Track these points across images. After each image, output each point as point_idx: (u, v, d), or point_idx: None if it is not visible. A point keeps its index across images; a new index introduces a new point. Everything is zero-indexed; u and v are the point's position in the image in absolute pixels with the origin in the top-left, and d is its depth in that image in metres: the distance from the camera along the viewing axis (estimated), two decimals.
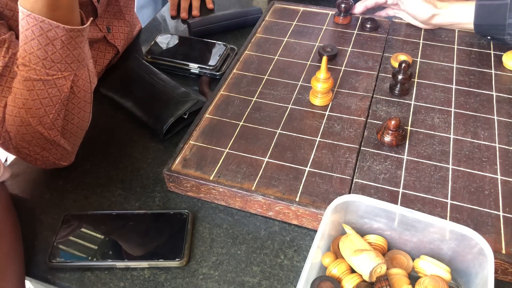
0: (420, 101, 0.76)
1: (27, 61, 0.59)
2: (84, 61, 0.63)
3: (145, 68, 0.84)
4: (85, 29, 0.61)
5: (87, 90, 0.65)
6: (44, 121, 0.62)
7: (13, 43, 0.64)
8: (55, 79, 0.60)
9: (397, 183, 0.63)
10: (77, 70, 0.62)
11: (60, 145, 0.65)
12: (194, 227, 0.63)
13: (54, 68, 0.60)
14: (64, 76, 0.61)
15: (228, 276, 0.58)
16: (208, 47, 0.92)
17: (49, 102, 0.61)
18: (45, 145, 0.64)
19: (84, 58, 0.63)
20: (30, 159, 0.66)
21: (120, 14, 0.91)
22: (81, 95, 0.64)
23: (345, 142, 0.69)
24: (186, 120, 0.76)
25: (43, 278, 0.59)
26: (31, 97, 0.60)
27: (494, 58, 0.83)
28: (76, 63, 0.61)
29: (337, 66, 0.83)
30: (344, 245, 0.52)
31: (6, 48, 0.63)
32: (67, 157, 0.68)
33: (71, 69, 0.61)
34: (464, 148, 0.68)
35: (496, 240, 0.57)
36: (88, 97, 0.66)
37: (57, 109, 0.62)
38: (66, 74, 0.61)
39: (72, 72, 0.61)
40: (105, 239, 0.61)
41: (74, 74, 0.62)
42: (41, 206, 0.67)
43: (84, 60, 0.63)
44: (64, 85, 0.61)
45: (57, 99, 0.61)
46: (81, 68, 0.62)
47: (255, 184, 0.64)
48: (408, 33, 0.90)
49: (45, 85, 0.60)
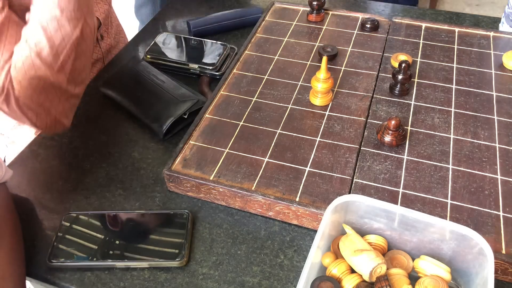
0: (420, 101, 0.76)
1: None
2: (92, 10, 0.65)
3: (145, 68, 0.84)
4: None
5: (92, 39, 0.67)
6: (54, 63, 0.63)
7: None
8: (68, 19, 0.62)
9: (397, 183, 0.63)
10: (86, 15, 0.64)
11: (65, 93, 0.66)
12: (194, 227, 0.63)
13: (68, 9, 0.61)
14: (76, 17, 0.63)
15: (228, 276, 0.58)
16: (208, 47, 0.92)
17: (62, 42, 0.62)
18: (49, 93, 0.64)
19: (92, 7, 0.65)
20: (31, 114, 0.65)
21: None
22: (88, 42, 0.66)
23: (345, 142, 0.69)
24: (186, 120, 0.76)
25: (43, 278, 0.59)
26: (46, 36, 0.61)
27: (494, 58, 0.84)
28: (86, 8, 0.64)
29: (337, 66, 0.83)
30: (344, 245, 0.52)
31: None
32: (68, 113, 0.69)
33: (81, 13, 0.63)
34: (464, 148, 0.68)
35: (496, 240, 0.57)
36: (91, 48, 0.68)
37: (68, 50, 0.63)
38: (78, 15, 0.63)
39: (82, 16, 0.63)
40: (105, 239, 0.61)
41: (84, 19, 0.64)
42: (41, 206, 0.67)
43: (92, 8, 0.66)
44: (76, 26, 0.63)
45: (68, 39, 0.62)
46: (90, 16, 0.65)
47: (255, 184, 0.64)
48: (408, 33, 0.90)
49: (59, 24, 0.61)
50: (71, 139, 0.77)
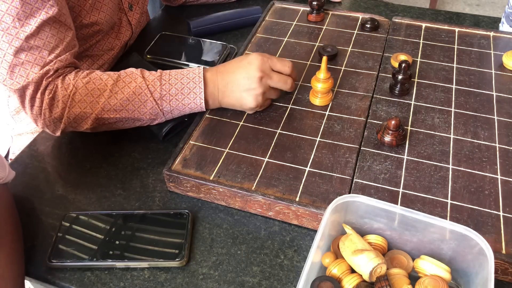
0: (420, 101, 0.76)
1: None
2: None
3: (145, 68, 0.83)
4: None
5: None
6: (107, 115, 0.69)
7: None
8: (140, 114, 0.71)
9: (397, 183, 0.63)
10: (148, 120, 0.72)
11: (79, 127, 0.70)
12: (194, 227, 0.63)
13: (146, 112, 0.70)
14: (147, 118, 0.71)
15: (228, 276, 0.58)
16: (208, 47, 0.92)
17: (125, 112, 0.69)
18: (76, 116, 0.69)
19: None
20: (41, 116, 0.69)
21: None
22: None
23: (345, 142, 0.69)
24: (186, 121, 0.76)
25: (43, 278, 0.59)
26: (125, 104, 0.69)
27: (494, 58, 0.83)
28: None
29: (337, 66, 0.83)
30: (344, 245, 0.52)
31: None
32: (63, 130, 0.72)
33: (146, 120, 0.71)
34: (464, 148, 0.68)
35: (496, 240, 0.57)
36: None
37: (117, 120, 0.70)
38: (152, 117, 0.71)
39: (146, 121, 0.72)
40: (105, 239, 0.61)
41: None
42: (41, 206, 0.67)
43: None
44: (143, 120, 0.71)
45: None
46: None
47: (255, 184, 0.64)
48: (408, 33, 0.90)
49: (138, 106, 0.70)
50: (71, 139, 0.77)
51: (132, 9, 0.90)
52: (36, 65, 0.65)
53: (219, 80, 0.71)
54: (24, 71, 0.65)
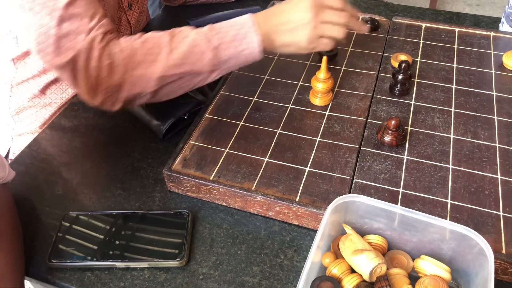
0: (420, 101, 0.76)
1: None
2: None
3: None
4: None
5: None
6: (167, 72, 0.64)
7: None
8: (209, 65, 0.65)
9: (397, 183, 0.63)
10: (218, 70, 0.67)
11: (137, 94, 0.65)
12: (194, 227, 0.63)
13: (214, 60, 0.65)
14: (211, 68, 0.66)
15: (228, 276, 0.58)
16: None
17: (189, 66, 0.64)
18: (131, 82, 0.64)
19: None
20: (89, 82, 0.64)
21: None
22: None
23: (345, 142, 0.69)
24: (186, 120, 0.76)
25: (43, 278, 0.59)
26: (187, 54, 0.64)
27: (494, 58, 0.84)
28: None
29: (337, 66, 0.83)
30: (344, 245, 0.52)
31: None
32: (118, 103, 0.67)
33: (216, 68, 0.66)
34: (464, 148, 0.68)
35: (496, 240, 0.57)
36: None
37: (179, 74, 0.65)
38: (215, 68, 0.66)
39: (215, 69, 0.66)
40: (105, 239, 0.61)
41: (214, 72, 0.67)
42: (41, 206, 0.67)
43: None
44: (209, 72, 0.66)
45: (194, 73, 0.65)
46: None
47: (255, 184, 0.64)
48: (408, 33, 0.90)
49: (202, 57, 0.65)
50: (71, 139, 0.77)
51: (132, 8, 0.90)
52: (81, 32, 0.62)
53: (270, 21, 0.68)
54: (70, 42, 0.61)
